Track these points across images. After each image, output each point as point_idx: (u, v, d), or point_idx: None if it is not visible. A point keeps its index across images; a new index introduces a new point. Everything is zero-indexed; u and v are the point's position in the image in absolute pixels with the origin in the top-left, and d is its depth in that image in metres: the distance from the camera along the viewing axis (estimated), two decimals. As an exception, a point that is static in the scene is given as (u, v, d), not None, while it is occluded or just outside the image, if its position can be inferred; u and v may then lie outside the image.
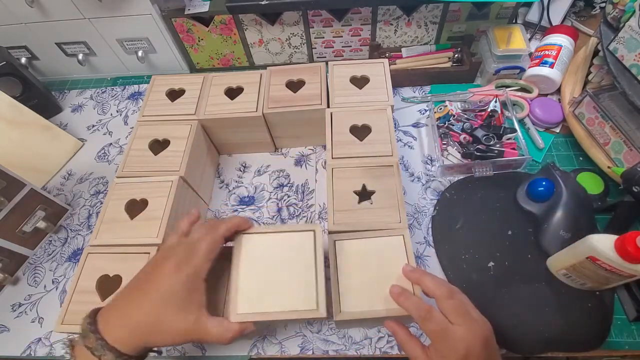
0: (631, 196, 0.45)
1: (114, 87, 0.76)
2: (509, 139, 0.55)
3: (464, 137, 0.56)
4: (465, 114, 0.59)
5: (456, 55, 0.67)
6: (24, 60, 0.74)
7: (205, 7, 0.65)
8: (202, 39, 0.70)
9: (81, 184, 0.63)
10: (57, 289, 0.54)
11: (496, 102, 0.58)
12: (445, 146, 0.57)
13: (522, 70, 0.63)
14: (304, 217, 0.56)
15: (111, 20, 0.66)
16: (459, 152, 0.55)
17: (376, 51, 0.69)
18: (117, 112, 0.72)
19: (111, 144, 0.68)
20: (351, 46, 0.71)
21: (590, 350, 0.43)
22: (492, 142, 0.55)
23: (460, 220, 0.51)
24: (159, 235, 0.45)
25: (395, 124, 0.63)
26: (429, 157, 0.60)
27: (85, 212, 0.60)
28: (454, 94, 0.65)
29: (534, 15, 0.72)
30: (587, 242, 0.38)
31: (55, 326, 0.41)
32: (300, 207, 0.57)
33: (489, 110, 0.58)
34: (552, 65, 0.60)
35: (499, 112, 0.57)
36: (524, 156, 0.53)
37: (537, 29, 0.71)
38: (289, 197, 0.58)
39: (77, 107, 0.74)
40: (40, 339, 0.50)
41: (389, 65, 0.60)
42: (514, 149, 0.54)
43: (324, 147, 0.62)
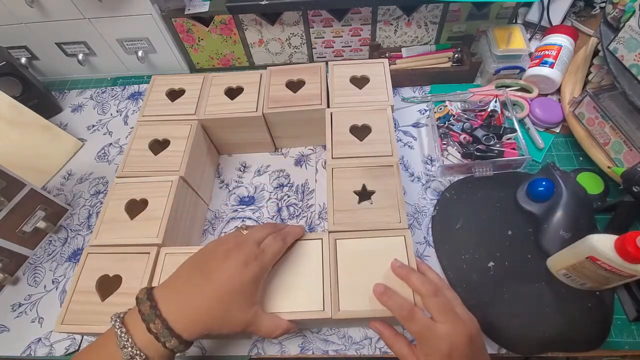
0: (631, 196, 0.45)
1: (114, 87, 0.76)
2: (509, 139, 0.55)
3: (464, 137, 0.56)
4: (465, 114, 0.59)
5: (456, 55, 0.67)
6: (24, 60, 0.74)
7: (205, 7, 0.65)
8: (202, 39, 0.70)
9: (81, 184, 0.63)
10: (57, 289, 0.54)
11: (496, 102, 0.58)
12: (445, 146, 0.57)
13: (522, 70, 0.63)
14: (304, 217, 0.56)
15: (111, 20, 0.66)
16: (459, 152, 0.55)
17: (376, 51, 0.69)
18: (117, 112, 0.72)
19: (111, 144, 0.68)
20: (351, 46, 0.71)
21: (590, 350, 0.43)
22: (492, 142, 0.55)
23: (460, 220, 0.51)
24: (158, 235, 0.45)
25: (395, 124, 0.63)
26: (429, 157, 0.60)
27: (85, 212, 0.60)
28: (454, 94, 0.65)
29: (534, 15, 0.72)
30: (587, 242, 0.38)
31: (55, 326, 0.41)
32: (300, 207, 0.57)
33: (489, 110, 0.58)
34: (552, 65, 0.60)
35: (499, 112, 0.57)
36: (524, 156, 0.53)
37: (537, 29, 0.71)
38: (289, 197, 0.58)
39: (77, 107, 0.74)
40: (40, 339, 0.50)
41: (389, 65, 0.60)
42: (514, 149, 0.54)
43: (324, 147, 0.62)
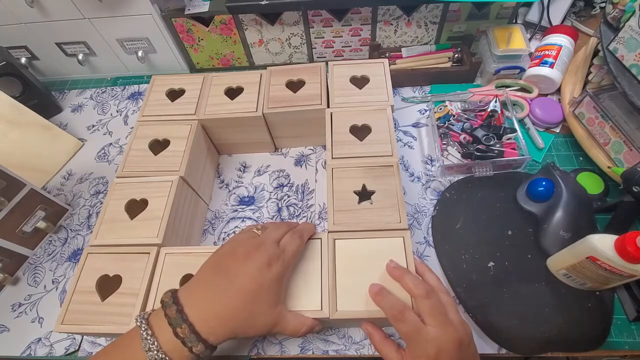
0: (631, 196, 0.45)
1: (114, 87, 0.76)
2: (509, 139, 0.55)
3: (464, 137, 0.56)
4: (465, 114, 0.59)
5: (456, 55, 0.67)
6: (24, 60, 0.74)
7: (205, 7, 0.65)
8: (202, 39, 0.70)
9: (81, 184, 0.63)
10: (57, 289, 0.54)
11: (496, 102, 0.58)
12: (445, 146, 0.57)
13: (522, 70, 0.63)
14: (304, 217, 0.56)
15: (111, 20, 0.66)
16: (459, 152, 0.55)
17: (376, 51, 0.69)
18: (117, 112, 0.72)
19: (111, 144, 0.68)
20: (351, 46, 0.71)
21: (590, 350, 0.43)
22: (492, 142, 0.55)
23: (460, 220, 0.51)
24: (158, 235, 0.45)
25: (395, 124, 0.63)
26: (429, 157, 0.60)
27: (85, 212, 0.60)
28: (454, 94, 0.65)
29: (534, 15, 0.72)
30: (587, 242, 0.38)
31: (55, 326, 0.41)
32: (300, 207, 0.57)
33: (489, 110, 0.58)
34: (552, 65, 0.60)
35: (499, 112, 0.57)
36: (524, 156, 0.53)
37: (537, 29, 0.71)
38: (289, 197, 0.58)
39: (77, 107, 0.74)
40: (40, 339, 0.50)
41: (389, 65, 0.60)
42: (514, 149, 0.54)
43: (324, 147, 0.62)
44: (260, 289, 0.35)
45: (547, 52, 0.62)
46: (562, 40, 0.62)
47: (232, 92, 0.57)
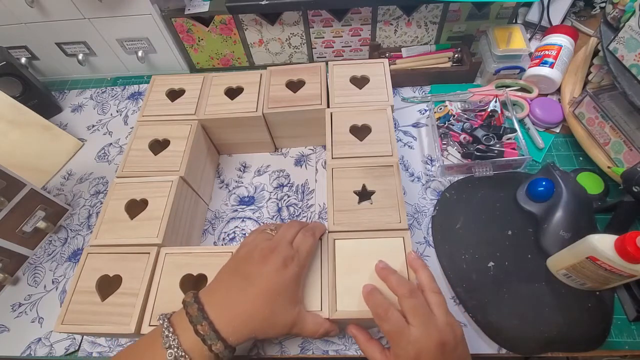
0: (631, 196, 0.45)
1: (114, 87, 0.76)
2: (509, 139, 0.55)
3: (464, 137, 0.56)
4: (465, 114, 0.59)
5: (456, 55, 0.67)
6: (24, 60, 0.74)
7: (205, 7, 0.65)
8: (202, 39, 0.70)
9: (81, 184, 0.63)
10: (57, 289, 0.54)
11: (496, 102, 0.58)
12: (445, 146, 0.57)
13: (522, 70, 0.63)
14: (304, 217, 0.56)
15: (111, 20, 0.66)
16: (459, 152, 0.55)
17: (376, 51, 0.69)
18: (117, 112, 0.72)
19: (111, 144, 0.68)
20: (351, 46, 0.71)
21: (590, 350, 0.43)
22: (492, 142, 0.55)
23: (460, 220, 0.51)
24: (158, 235, 0.45)
25: (395, 124, 0.63)
26: (429, 157, 0.60)
27: (85, 212, 0.60)
28: (454, 94, 0.65)
29: (534, 15, 0.72)
30: (587, 242, 0.38)
31: (55, 326, 0.41)
32: (300, 207, 0.57)
33: (489, 110, 0.58)
34: (552, 65, 0.60)
35: (499, 112, 0.57)
36: (524, 156, 0.53)
37: (537, 29, 0.71)
38: (289, 197, 0.58)
39: (77, 107, 0.74)
40: (40, 339, 0.50)
41: (389, 65, 0.60)
42: (514, 149, 0.54)
43: (324, 147, 0.62)
44: (278, 290, 0.36)
45: (547, 52, 0.62)
46: (562, 40, 0.62)
47: (232, 92, 0.57)
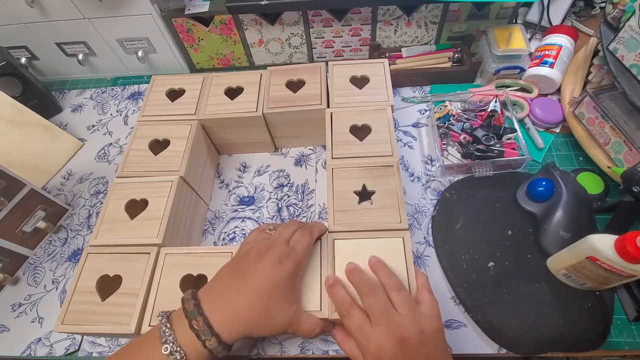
0: (631, 196, 0.45)
1: (114, 87, 0.76)
2: (509, 139, 0.55)
3: (464, 137, 0.56)
4: (465, 114, 0.59)
5: (456, 55, 0.67)
6: (24, 60, 0.74)
7: (205, 7, 0.65)
8: (202, 39, 0.70)
9: (81, 184, 0.63)
10: (57, 289, 0.54)
11: (496, 102, 0.58)
12: (445, 146, 0.57)
13: (522, 70, 0.63)
14: (304, 217, 0.56)
15: (111, 20, 0.66)
16: (459, 152, 0.55)
17: (376, 51, 0.69)
18: (117, 112, 0.72)
19: (111, 144, 0.68)
20: (351, 46, 0.71)
21: (590, 350, 0.43)
22: (492, 142, 0.55)
23: (460, 220, 0.51)
24: (159, 235, 0.45)
25: (395, 124, 0.63)
26: (429, 157, 0.60)
27: (85, 212, 0.60)
28: (454, 94, 0.65)
29: (534, 15, 0.72)
30: (587, 242, 0.38)
31: (55, 326, 0.41)
32: (300, 207, 0.57)
33: (489, 110, 0.58)
34: (552, 65, 0.60)
35: (499, 112, 0.57)
36: (524, 156, 0.53)
37: (537, 29, 0.71)
38: (289, 197, 0.58)
39: (77, 107, 0.74)
40: (40, 339, 0.50)
41: (389, 65, 0.60)
42: (514, 149, 0.54)
43: (324, 147, 0.62)
44: (274, 287, 0.36)
45: (547, 52, 0.62)
46: (562, 40, 0.62)
47: (232, 92, 0.57)
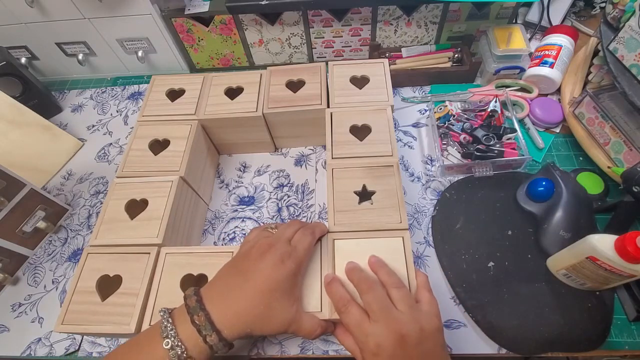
0: (631, 196, 0.45)
1: (114, 87, 0.76)
2: (509, 139, 0.55)
3: (464, 137, 0.56)
4: (465, 114, 0.59)
5: (456, 55, 0.67)
6: (24, 60, 0.74)
7: (205, 7, 0.65)
8: (202, 39, 0.70)
9: (81, 184, 0.63)
10: (57, 289, 0.54)
11: (496, 102, 0.58)
12: (445, 146, 0.57)
13: (522, 70, 0.63)
14: (304, 217, 0.56)
15: (111, 20, 0.66)
16: (459, 152, 0.55)
17: (376, 51, 0.69)
18: (117, 112, 0.72)
19: (111, 144, 0.68)
20: (351, 46, 0.71)
21: (590, 350, 0.43)
22: (492, 142, 0.55)
23: (460, 220, 0.51)
24: (158, 235, 0.45)
25: (395, 124, 0.63)
26: (429, 157, 0.60)
27: (85, 212, 0.60)
28: (454, 94, 0.65)
29: (534, 15, 0.72)
30: (587, 242, 0.38)
31: (55, 326, 0.41)
32: (300, 207, 0.57)
33: (489, 110, 0.58)
34: (552, 65, 0.60)
35: (499, 112, 0.57)
36: (524, 156, 0.53)
37: (537, 29, 0.71)
38: (289, 197, 0.58)
39: (77, 107, 0.74)
40: (40, 339, 0.50)
41: (389, 65, 0.60)
42: (514, 149, 0.54)
43: (324, 147, 0.62)
44: (275, 286, 0.36)
45: (547, 52, 0.62)
46: (562, 40, 0.62)
47: (232, 92, 0.57)
